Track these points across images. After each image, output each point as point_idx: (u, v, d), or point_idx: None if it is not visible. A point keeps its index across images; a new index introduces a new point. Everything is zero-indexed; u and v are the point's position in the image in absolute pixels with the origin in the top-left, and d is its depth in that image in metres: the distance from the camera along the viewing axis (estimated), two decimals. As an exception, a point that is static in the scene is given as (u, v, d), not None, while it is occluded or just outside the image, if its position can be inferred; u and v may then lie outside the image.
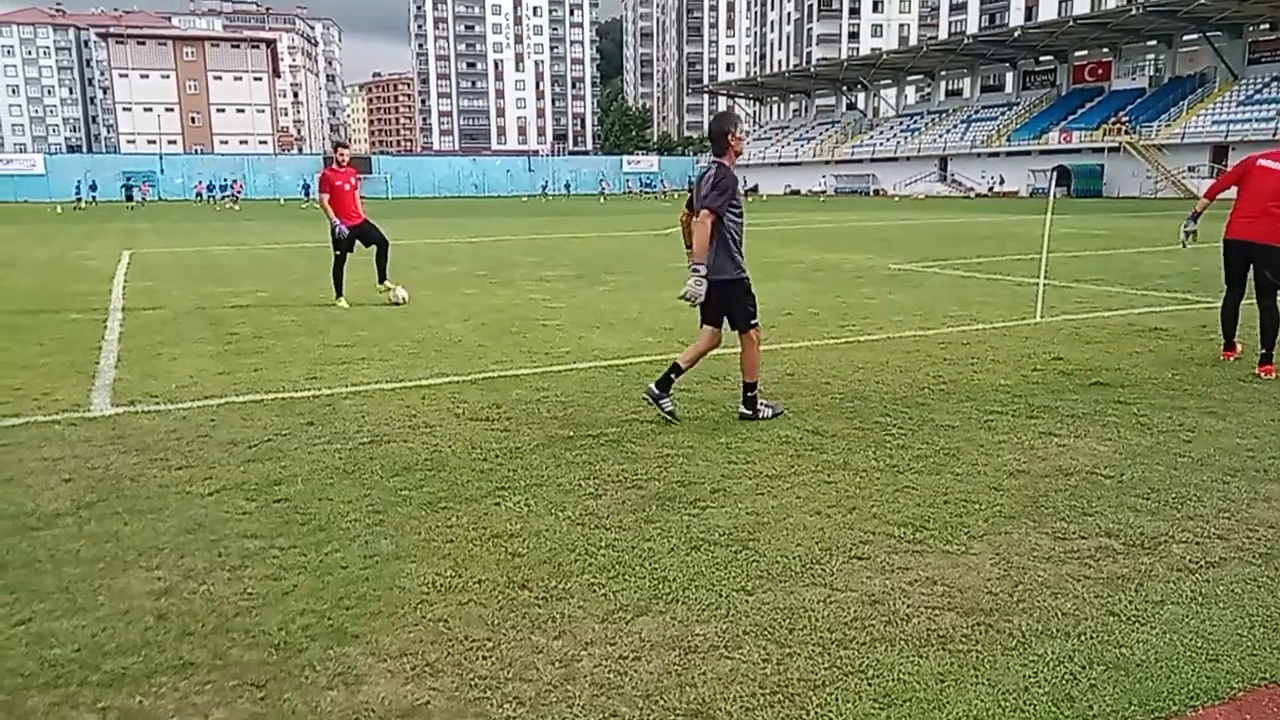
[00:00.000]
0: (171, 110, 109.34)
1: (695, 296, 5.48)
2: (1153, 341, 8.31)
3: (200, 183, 75.32)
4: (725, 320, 5.75)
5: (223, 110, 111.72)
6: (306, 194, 74.06)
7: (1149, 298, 11.18)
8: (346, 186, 11.34)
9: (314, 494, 4.45)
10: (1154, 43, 64.24)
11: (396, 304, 11.22)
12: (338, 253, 11.40)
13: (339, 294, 11.33)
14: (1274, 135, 50.13)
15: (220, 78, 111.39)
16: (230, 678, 2.82)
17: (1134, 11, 56.50)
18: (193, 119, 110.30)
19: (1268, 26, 57.75)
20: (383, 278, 11.72)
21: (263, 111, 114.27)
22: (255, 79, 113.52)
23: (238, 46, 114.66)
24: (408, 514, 4.18)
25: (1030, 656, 2.91)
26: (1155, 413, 5.81)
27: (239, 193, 66.60)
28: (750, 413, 5.71)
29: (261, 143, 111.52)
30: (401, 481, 4.63)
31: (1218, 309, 7.61)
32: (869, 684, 2.76)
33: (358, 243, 11.56)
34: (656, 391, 5.69)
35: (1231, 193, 7.28)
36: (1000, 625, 3.11)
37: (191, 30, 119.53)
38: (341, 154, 11.47)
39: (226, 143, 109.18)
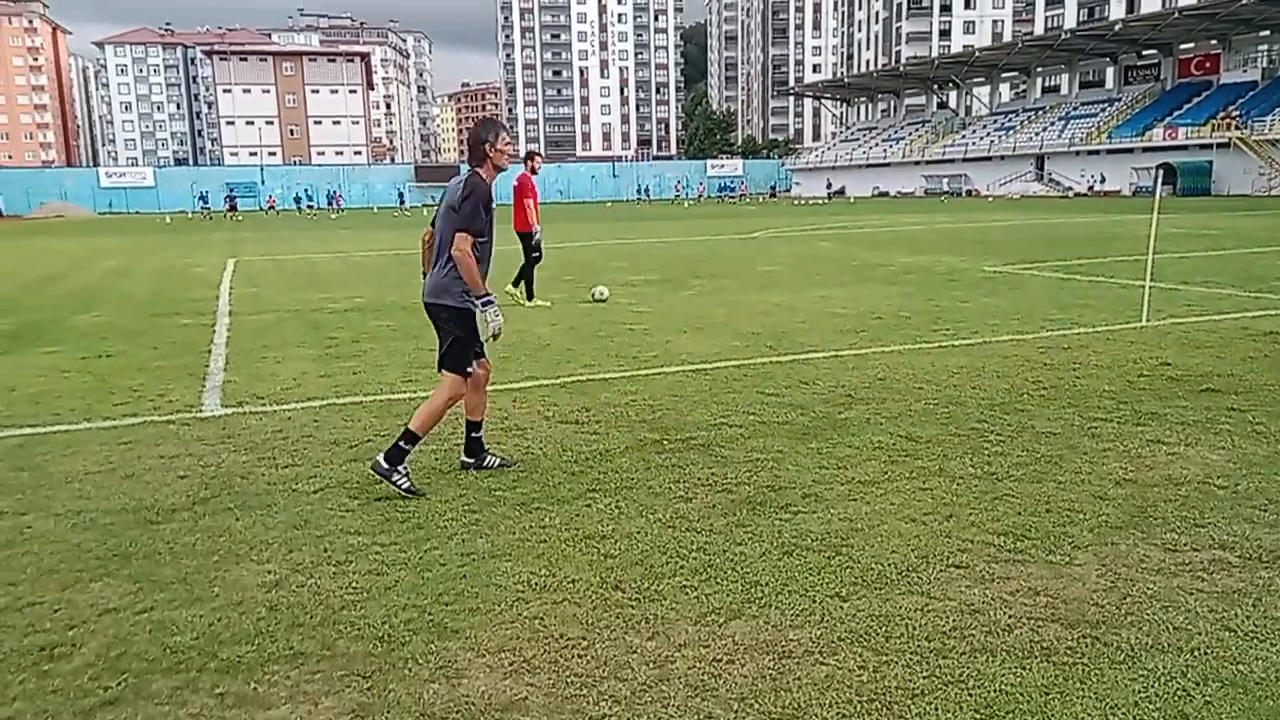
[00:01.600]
0: (271, 123, 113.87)
1: (499, 328, 4.74)
2: (1268, 346, 7.89)
3: (271, 197, 77.56)
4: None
5: (319, 122, 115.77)
6: (401, 202, 76.21)
7: (1263, 300, 10.63)
8: (532, 199, 11.92)
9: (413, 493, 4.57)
10: (1267, 33, 61.06)
11: (599, 300, 11.86)
12: (537, 255, 11.97)
13: (530, 296, 11.86)
14: (1402, 127, 47.15)
15: (317, 91, 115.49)
16: (338, 668, 2.93)
17: (1245, 1, 53.81)
18: (291, 131, 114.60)
19: (1395, 12, 54.34)
20: (518, 283, 12.11)
21: (357, 123, 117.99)
22: (350, 91, 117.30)
23: (334, 60, 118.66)
24: (502, 514, 4.27)
25: (1140, 671, 2.81)
26: (1272, 420, 5.53)
27: (340, 204, 69.05)
28: (386, 467, 4.56)
29: (356, 153, 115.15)
30: (495, 482, 4.73)
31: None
32: (969, 694, 2.70)
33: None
34: (386, 467, 4.58)
35: None
36: (1108, 638, 3.01)
37: (290, 46, 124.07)
38: (537, 161, 12.02)
39: (323, 154, 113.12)
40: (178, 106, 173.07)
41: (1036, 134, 72.73)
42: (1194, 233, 22.12)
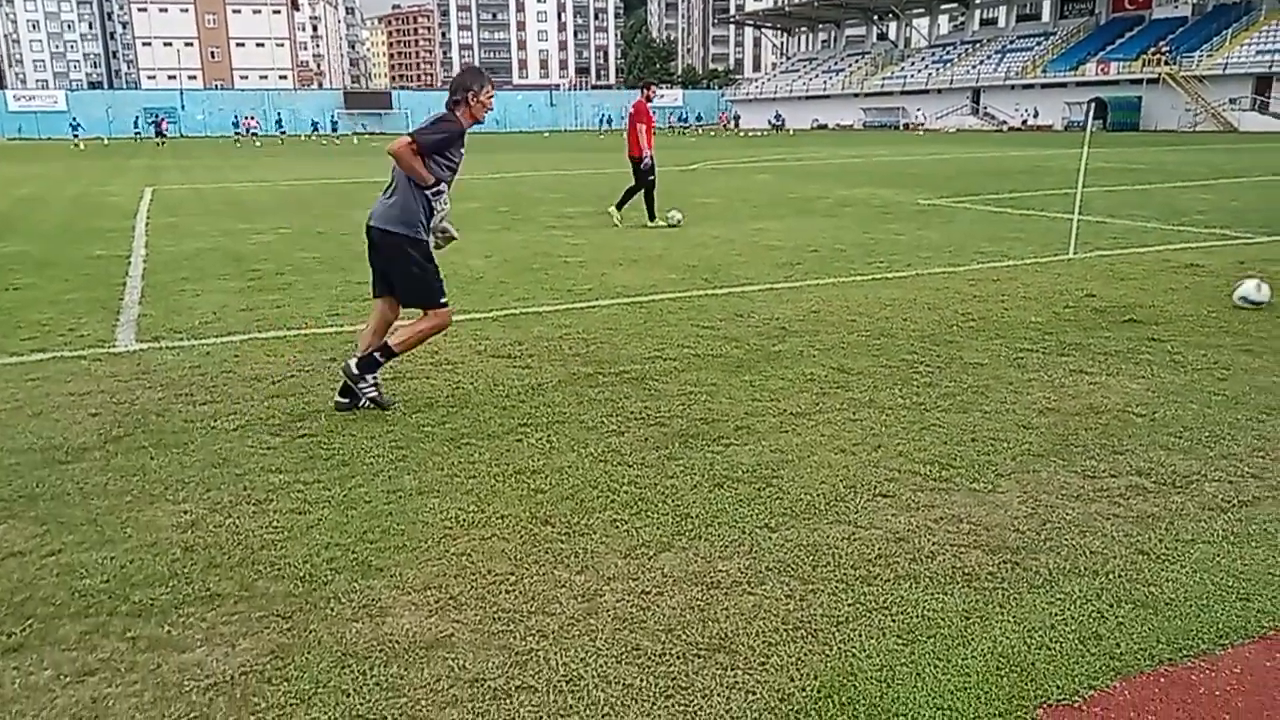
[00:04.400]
0: (191, 45, 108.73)
1: (445, 212, 4.64)
2: (1189, 278, 8.11)
3: (251, 117, 71.87)
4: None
5: (242, 45, 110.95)
6: (334, 130, 73.54)
7: (1185, 234, 10.90)
8: (648, 126, 12.46)
9: (337, 429, 4.46)
10: (1199, -34, 61.85)
11: (673, 225, 12.22)
12: (651, 178, 12.53)
13: (651, 216, 12.42)
14: (1321, 65, 48.45)
15: (239, 11, 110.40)
16: (257, 609, 2.85)
17: (1179, -66, 54.26)
18: (212, 54, 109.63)
19: (1320, -51, 55.36)
20: (620, 205, 12.69)
21: (282, 45, 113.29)
22: (274, 12, 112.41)
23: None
24: (430, 450, 4.19)
25: (1057, 594, 2.88)
26: (1190, 350, 5.69)
27: (253, 128, 66.15)
28: (356, 373, 4.63)
29: (281, 78, 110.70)
30: (424, 418, 4.63)
31: (1257, 245, 7.38)
32: (893, 620, 2.74)
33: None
34: (355, 373, 4.66)
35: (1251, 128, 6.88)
36: (1027, 563, 3.08)
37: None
38: (652, 90, 12.99)
39: (246, 78, 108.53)
40: (90, 26, 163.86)
41: (973, 67, 73.01)
42: (1122, 167, 22.56)
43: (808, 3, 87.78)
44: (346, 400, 4.74)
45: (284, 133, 69.70)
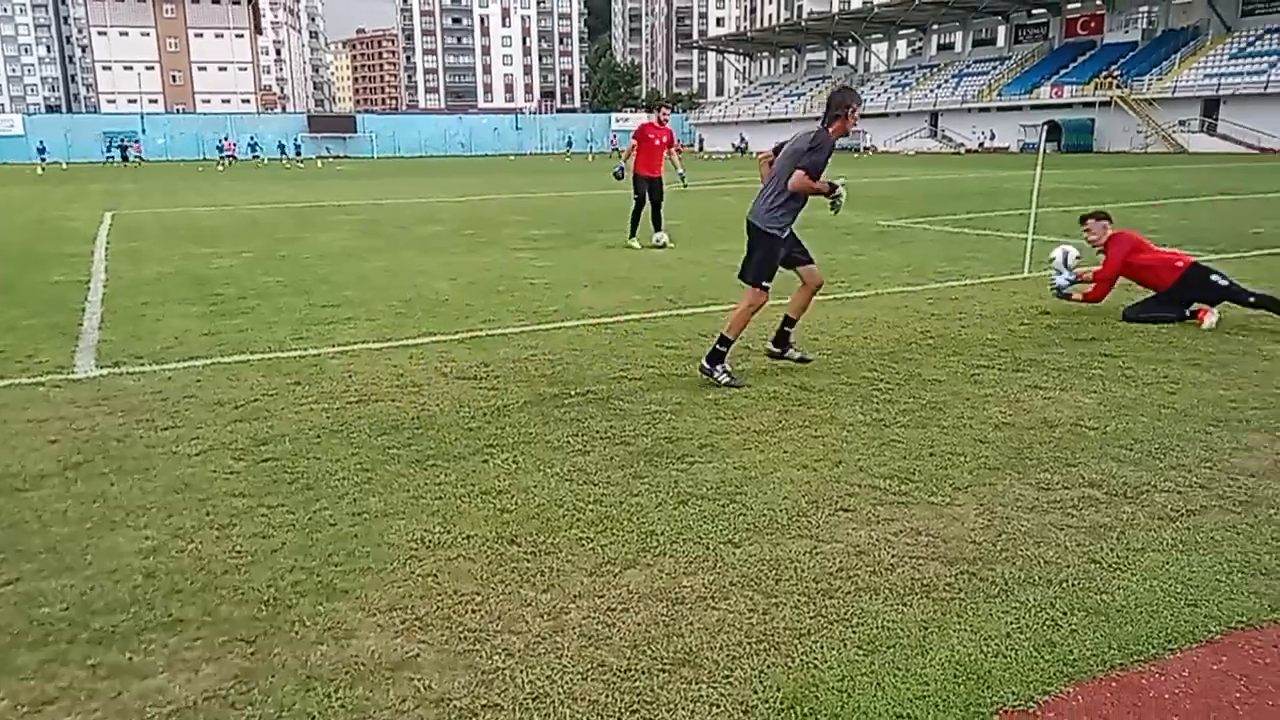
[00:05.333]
0: (152, 69, 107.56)
1: (841, 200, 5.57)
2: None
3: (230, 140, 69.22)
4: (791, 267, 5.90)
5: (204, 68, 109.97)
6: (298, 154, 72.93)
7: (1137, 252, 11.14)
8: (658, 142, 12.56)
9: (302, 453, 4.45)
10: (1148, -6, 63.64)
11: (660, 247, 12.25)
12: (636, 197, 12.69)
13: (632, 235, 12.58)
14: (1265, 89, 49.92)
15: (201, 35, 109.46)
16: (220, 634, 2.84)
17: (1128, -38, 55.86)
18: (174, 77, 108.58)
19: (1262, -23, 57.24)
20: (658, 227, 12.63)
21: (245, 69, 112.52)
22: (237, 36, 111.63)
23: (218, 2, 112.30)
24: (396, 472, 4.19)
25: (1013, 603, 2.95)
26: (1140, 365, 5.84)
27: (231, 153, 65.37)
28: (708, 367, 5.57)
29: (244, 101, 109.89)
30: (389, 440, 4.63)
31: (1206, 262, 7.61)
32: (853, 632, 2.80)
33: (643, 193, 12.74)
34: (708, 367, 5.59)
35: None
36: (984, 574, 3.15)
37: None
38: (664, 113, 13.03)
39: (209, 101, 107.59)
40: (48, 49, 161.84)
41: (931, 91, 74.37)
42: (1076, 188, 23.07)
43: (769, 29, 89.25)
44: (777, 349, 6.08)
45: (257, 157, 68.94)
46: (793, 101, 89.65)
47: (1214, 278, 7.05)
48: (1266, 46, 53.51)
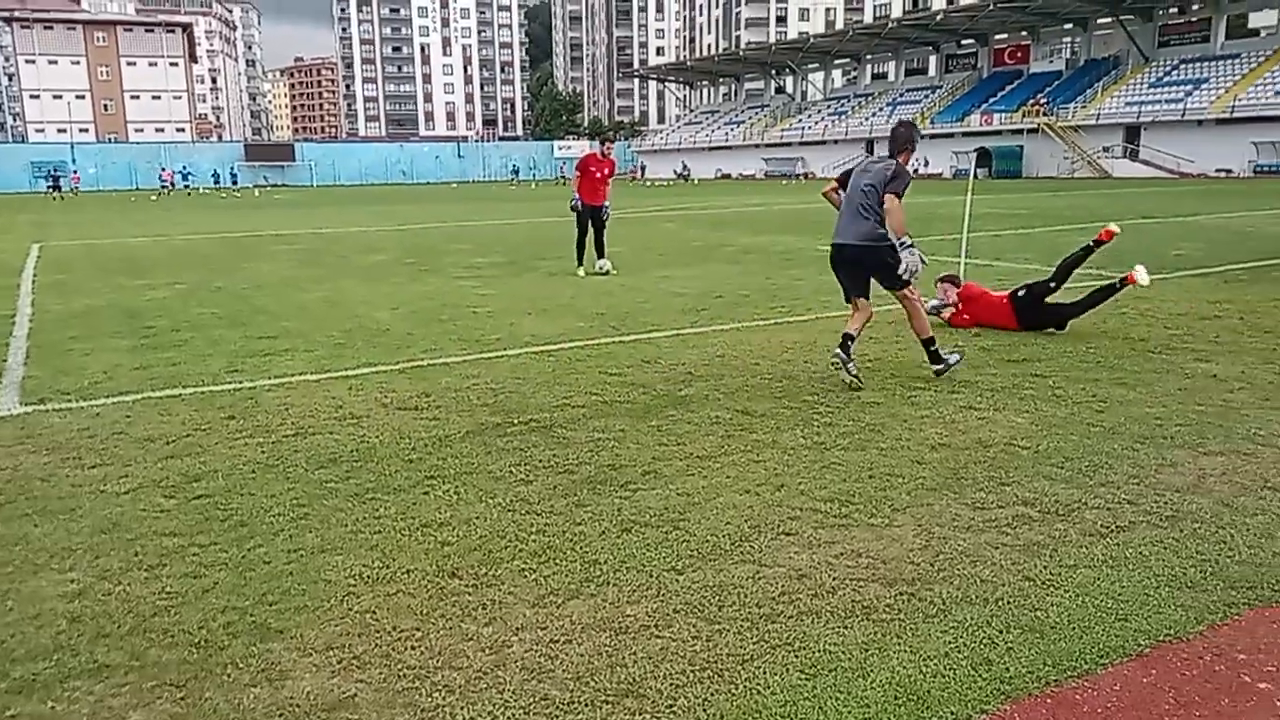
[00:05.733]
0: (83, 98, 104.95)
1: (917, 269, 5.85)
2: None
3: (168, 170, 68.84)
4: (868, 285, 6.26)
5: (137, 97, 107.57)
6: (234, 183, 71.72)
7: (1066, 274, 11.48)
8: (599, 175, 12.76)
9: (235, 489, 4.34)
10: (1070, 26, 65.95)
11: (603, 274, 12.44)
12: (579, 225, 12.86)
13: (579, 263, 12.79)
14: (1182, 116, 52.06)
15: (134, 63, 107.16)
16: (148, 679, 2.74)
17: (1050, -6, 57.95)
18: (105, 106, 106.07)
19: (1177, 10, 59.80)
20: (601, 254, 12.84)
21: (179, 98, 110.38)
22: (171, 64, 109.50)
23: (151, 31, 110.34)
24: (334, 506, 4.11)
25: (950, 623, 2.99)
26: (1070, 385, 6.01)
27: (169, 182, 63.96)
28: (940, 366, 6.16)
29: (179, 130, 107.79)
30: (327, 474, 4.55)
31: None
32: (796, 656, 2.81)
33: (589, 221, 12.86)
34: (939, 366, 6.19)
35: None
36: (922, 594, 3.19)
37: (102, 15, 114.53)
38: (609, 147, 13.26)
39: (142, 130, 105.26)
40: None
41: (866, 119, 76.02)
42: (1007, 212, 23.74)
43: (709, 58, 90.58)
44: (939, 366, 6.22)
45: (190, 186, 67.67)
46: (733, 129, 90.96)
47: (1023, 293, 7.85)
48: (1182, 76, 55.88)
